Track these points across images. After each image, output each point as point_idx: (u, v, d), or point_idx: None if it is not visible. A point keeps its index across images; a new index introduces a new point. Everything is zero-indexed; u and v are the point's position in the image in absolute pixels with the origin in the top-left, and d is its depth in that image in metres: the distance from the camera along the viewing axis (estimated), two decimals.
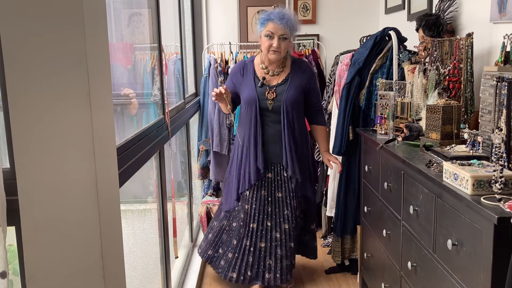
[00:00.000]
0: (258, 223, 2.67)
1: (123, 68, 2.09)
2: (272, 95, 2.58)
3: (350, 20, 3.97)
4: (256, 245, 2.68)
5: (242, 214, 2.68)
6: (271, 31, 2.50)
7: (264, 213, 2.66)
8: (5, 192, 1.00)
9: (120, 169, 1.42)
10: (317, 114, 2.76)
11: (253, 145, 2.61)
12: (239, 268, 2.69)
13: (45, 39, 1.03)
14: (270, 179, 2.66)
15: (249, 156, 2.62)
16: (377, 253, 2.38)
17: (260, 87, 2.60)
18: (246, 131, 2.63)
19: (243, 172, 2.66)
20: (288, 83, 2.61)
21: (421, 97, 2.23)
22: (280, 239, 2.68)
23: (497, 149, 1.37)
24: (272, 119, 2.61)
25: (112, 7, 1.94)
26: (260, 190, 2.65)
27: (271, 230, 2.67)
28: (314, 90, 2.71)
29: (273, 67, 2.63)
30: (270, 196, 2.66)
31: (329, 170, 3.24)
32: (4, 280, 0.98)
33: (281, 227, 2.67)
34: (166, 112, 2.30)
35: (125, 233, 1.49)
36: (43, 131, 1.05)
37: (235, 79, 2.70)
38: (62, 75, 1.04)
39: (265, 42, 2.53)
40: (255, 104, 2.58)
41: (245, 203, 2.67)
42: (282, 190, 2.67)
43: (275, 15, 2.50)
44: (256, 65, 2.66)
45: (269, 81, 2.62)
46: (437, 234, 1.62)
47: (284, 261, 2.70)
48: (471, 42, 2.08)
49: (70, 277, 1.11)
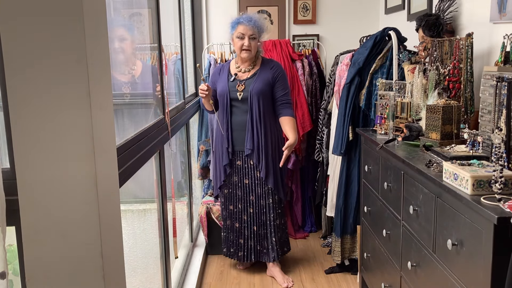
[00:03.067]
0: (233, 206, 3.06)
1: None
2: (242, 87, 2.91)
3: (350, 20, 3.97)
4: (234, 225, 3.07)
5: (223, 199, 3.10)
6: (241, 32, 2.84)
7: (236, 197, 3.02)
8: (5, 192, 1.00)
9: (120, 169, 1.42)
10: (284, 107, 2.94)
11: (225, 131, 2.94)
12: (227, 244, 3.14)
13: (45, 39, 1.03)
14: (239, 166, 2.97)
15: (222, 142, 2.97)
16: (377, 253, 2.38)
17: (232, 81, 2.93)
18: (220, 120, 2.95)
19: (218, 163, 3.03)
20: (256, 77, 2.92)
21: (421, 97, 2.23)
22: (247, 222, 3.02)
23: (497, 149, 1.37)
24: (241, 110, 2.91)
25: (112, 7, 1.94)
26: (232, 176, 3.00)
27: (241, 213, 3.03)
28: (280, 84, 2.94)
29: (245, 65, 2.96)
30: (240, 182, 3.00)
31: (329, 170, 3.24)
32: (4, 280, 0.98)
33: (247, 211, 3.01)
34: (166, 112, 2.30)
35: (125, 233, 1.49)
36: (43, 131, 1.05)
37: (214, 78, 3.05)
38: (62, 75, 1.04)
39: (237, 43, 2.87)
40: (226, 95, 2.91)
41: (224, 188, 3.07)
42: (248, 177, 2.97)
43: (244, 19, 2.85)
44: (231, 65, 3.03)
45: (240, 77, 2.95)
46: (437, 234, 1.62)
47: (249, 241, 3.03)
48: (471, 42, 2.08)
49: (70, 277, 1.11)
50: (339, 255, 3.00)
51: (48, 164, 1.06)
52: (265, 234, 3.02)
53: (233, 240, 3.09)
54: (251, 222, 3.02)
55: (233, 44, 2.92)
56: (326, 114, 3.34)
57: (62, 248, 1.10)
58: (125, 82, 2.03)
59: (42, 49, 1.03)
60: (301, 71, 3.60)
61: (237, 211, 3.03)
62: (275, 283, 3.00)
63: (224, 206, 3.10)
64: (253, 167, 2.94)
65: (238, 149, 2.95)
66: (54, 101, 1.05)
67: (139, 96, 2.26)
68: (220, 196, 3.14)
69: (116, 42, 1.94)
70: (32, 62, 1.03)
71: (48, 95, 1.04)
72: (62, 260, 1.10)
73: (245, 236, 3.05)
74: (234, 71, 2.98)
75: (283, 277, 3.00)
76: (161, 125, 2.19)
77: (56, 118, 1.05)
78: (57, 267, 1.10)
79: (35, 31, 1.02)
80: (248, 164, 2.95)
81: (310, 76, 3.66)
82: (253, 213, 3.00)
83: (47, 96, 1.04)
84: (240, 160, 2.96)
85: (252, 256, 3.05)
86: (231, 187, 3.02)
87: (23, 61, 1.03)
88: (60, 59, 1.04)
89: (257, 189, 2.96)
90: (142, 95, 2.29)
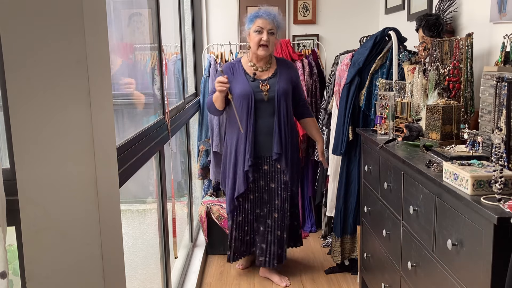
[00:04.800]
0: (259, 210, 2.90)
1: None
2: (266, 87, 2.74)
3: (350, 20, 3.97)
4: (259, 229, 2.92)
5: (248, 204, 2.89)
6: (260, 26, 2.69)
7: (262, 200, 2.88)
8: (5, 192, 1.00)
9: (120, 169, 1.42)
10: (304, 108, 2.94)
11: (250, 135, 2.75)
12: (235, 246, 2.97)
13: (45, 39, 1.03)
14: (265, 170, 2.83)
15: (244, 147, 2.77)
16: (377, 253, 2.38)
17: (253, 81, 2.76)
18: (243, 125, 2.73)
19: (239, 170, 2.81)
20: (278, 76, 2.79)
21: (421, 97, 2.22)
22: (271, 226, 2.89)
23: (497, 149, 1.37)
24: (266, 111, 2.75)
25: (112, 7, 1.94)
26: (259, 181, 2.86)
27: (266, 217, 2.90)
28: (299, 85, 2.92)
29: (261, 64, 2.81)
30: (266, 186, 2.87)
31: (329, 170, 3.24)
32: (4, 280, 0.98)
33: (272, 215, 2.89)
34: (166, 112, 2.31)
35: (125, 233, 1.49)
36: (43, 131, 1.05)
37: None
38: (62, 75, 1.04)
39: (254, 38, 2.71)
40: (250, 97, 2.72)
41: (249, 194, 2.87)
42: (274, 181, 2.85)
43: (263, 12, 2.71)
44: (244, 64, 2.83)
45: (259, 76, 2.79)
46: (437, 234, 1.62)
47: (273, 247, 2.91)
48: (471, 42, 2.08)
49: (70, 277, 1.11)
50: (339, 255, 3.00)
51: (48, 164, 1.06)
52: (285, 238, 2.95)
53: (256, 244, 2.94)
54: (275, 226, 2.89)
55: (249, 39, 2.75)
56: (326, 114, 3.34)
57: (62, 248, 1.10)
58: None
59: (42, 49, 1.03)
60: (301, 71, 3.60)
61: (264, 214, 2.89)
62: (275, 283, 3.00)
63: (244, 212, 2.90)
64: (280, 170, 2.82)
65: (264, 154, 2.80)
66: (54, 101, 1.05)
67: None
68: (238, 203, 2.90)
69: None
70: (32, 62, 1.03)
71: (48, 95, 1.04)
72: (62, 260, 1.10)
73: (267, 241, 2.91)
74: (250, 71, 2.79)
75: (280, 277, 2.99)
76: (161, 125, 2.19)
77: (56, 118, 1.05)
78: (57, 267, 1.10)
79: (35, 31, 1.02)
80: (275, 168, 2.82)
81: (310, 76, 3.66)
82: (277, 218, 2.88)
83: (47, 96, 1.04)
84: (267, 164, 2.82)
85: (275, 261, 2.92)
86: (257, 191, 2.86)
87: (23, 61, 1.03)
88: (60, 59, 1.04)
89: (282, 193, 2.85)
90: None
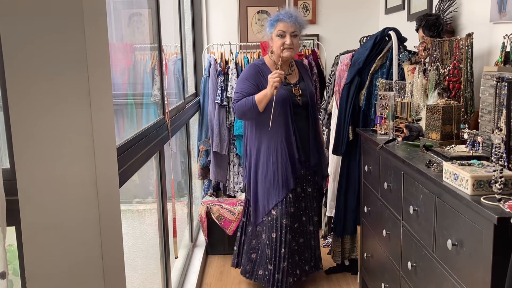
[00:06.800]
0: (299, 222, 2.74)
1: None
2: (299, 92, 2.67)
3: (350, 20, 3.97)
4: (292, 245, 2.69)
5: (285, 220, 2.64)
6: (282, 29, 2.57)
7: (300, 209, 2.74)
8: (5, 192, 1.00)
9: (120, 169, 1.42)
10: (317, 111, 2.89)
11: (293, 143, 2.63)
12: (283, 272, 2.67)
13: (45, 39, 1.03)
14: (302, 175, 2.74)
15: (287, 153, 2.62)
16: (377, 253, 2.38)
17: (286, 85, 2.65)
18: (281, 131, 2.60)
19: (281, 176, 2.63)
20: (304, 80, 2.74)
21: (421, 97, 2.22)
22: (313, 231, 2.82)
23: (497, 149, 1.37)
24: (301, 116, 2.68)
25: (112, 7, 1.94)
26: (296, 187, 2.71)
27: (306, 225, 2.79)
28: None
29: (285, 67, 2.68)
30: (303, 192, 2.76)
31: (329, 170, 3.24)
32: (4, 280, 0.98)
33: (313, 219, 2.81)
34: (166, 112, 2.30)
35: (125, 233, 1.49)
36: (43, 131, 1.05)
37: (256, 80, 2.62)
38: (62, 75, 1.04)
39: (277, 42, 2.58)
40: (288, 102, 2.61)
41: (290, 207, 2.65)
42: (311, 185, 2.79)
43: (284, 15, 2.59)
44: (271, 66, 2.66)
45: (288, 79, 2.70)
46: (437, 234, 1.62)
47: (317, 250, 2.88)
48: (471, 42, 2.08)
49: (70, 277, 1.11)
50: (339, 255, 2.99)
51: (48, 164, 1.06)
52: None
53: (293, 265, 2.71)
54: (316, 230, 2.83)
55: (272, 43, 2.63)
56: (326, 114, 3.34)
57: (62, 248, 1.10)
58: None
59: (42, 49, 1.03)
60: None
61: (300, 224, 2.75)
62: None
63: (279, 223, 2.64)
64: (313, 173, 2.78)
65: (304, 158, 2.72)
66: (54, 101, 1.05)
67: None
68: (265, 224, 2.69)
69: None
70: (32, 63, 1.03)
71: (48, 95, 1.05)
72: (62, 260, 1.10)
73: (311, 247, 2.83)
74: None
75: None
76: (161, 125, 2.19)
77: (56, 118, 1.05)
78: (57, 267, 1.10)
79: (35, 32, 1.03)
80: (310, 171, 2.77)
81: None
82: (317, 221, 2.83)
83: (47, 96, 1.05)
84: (304, 168, 2.74)
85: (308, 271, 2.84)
86: (296, 199, 2.70)
87: (23, 61, 1.03)
88: (60, 59, 1.04)
89: (317, 195, 2.84)
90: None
